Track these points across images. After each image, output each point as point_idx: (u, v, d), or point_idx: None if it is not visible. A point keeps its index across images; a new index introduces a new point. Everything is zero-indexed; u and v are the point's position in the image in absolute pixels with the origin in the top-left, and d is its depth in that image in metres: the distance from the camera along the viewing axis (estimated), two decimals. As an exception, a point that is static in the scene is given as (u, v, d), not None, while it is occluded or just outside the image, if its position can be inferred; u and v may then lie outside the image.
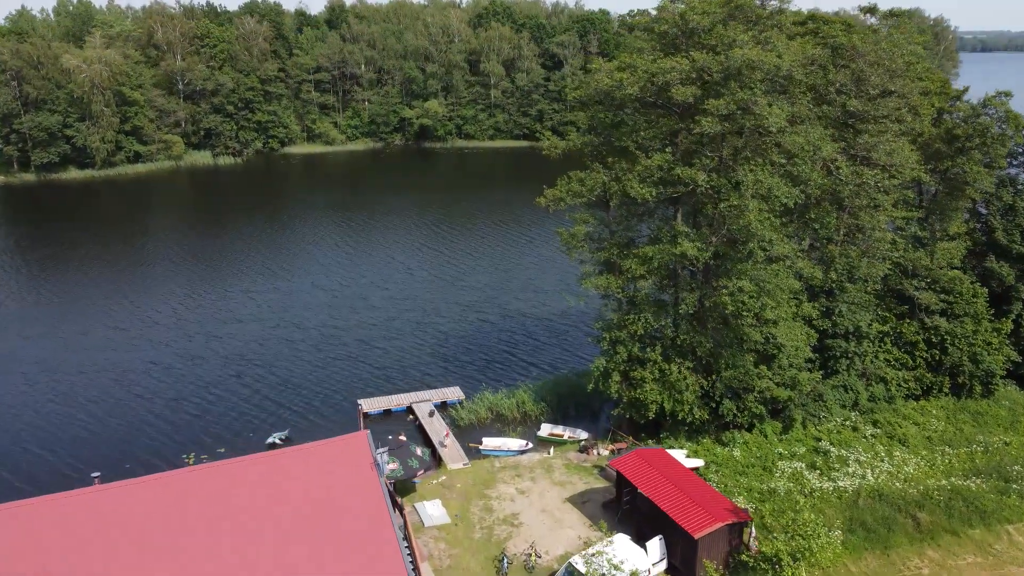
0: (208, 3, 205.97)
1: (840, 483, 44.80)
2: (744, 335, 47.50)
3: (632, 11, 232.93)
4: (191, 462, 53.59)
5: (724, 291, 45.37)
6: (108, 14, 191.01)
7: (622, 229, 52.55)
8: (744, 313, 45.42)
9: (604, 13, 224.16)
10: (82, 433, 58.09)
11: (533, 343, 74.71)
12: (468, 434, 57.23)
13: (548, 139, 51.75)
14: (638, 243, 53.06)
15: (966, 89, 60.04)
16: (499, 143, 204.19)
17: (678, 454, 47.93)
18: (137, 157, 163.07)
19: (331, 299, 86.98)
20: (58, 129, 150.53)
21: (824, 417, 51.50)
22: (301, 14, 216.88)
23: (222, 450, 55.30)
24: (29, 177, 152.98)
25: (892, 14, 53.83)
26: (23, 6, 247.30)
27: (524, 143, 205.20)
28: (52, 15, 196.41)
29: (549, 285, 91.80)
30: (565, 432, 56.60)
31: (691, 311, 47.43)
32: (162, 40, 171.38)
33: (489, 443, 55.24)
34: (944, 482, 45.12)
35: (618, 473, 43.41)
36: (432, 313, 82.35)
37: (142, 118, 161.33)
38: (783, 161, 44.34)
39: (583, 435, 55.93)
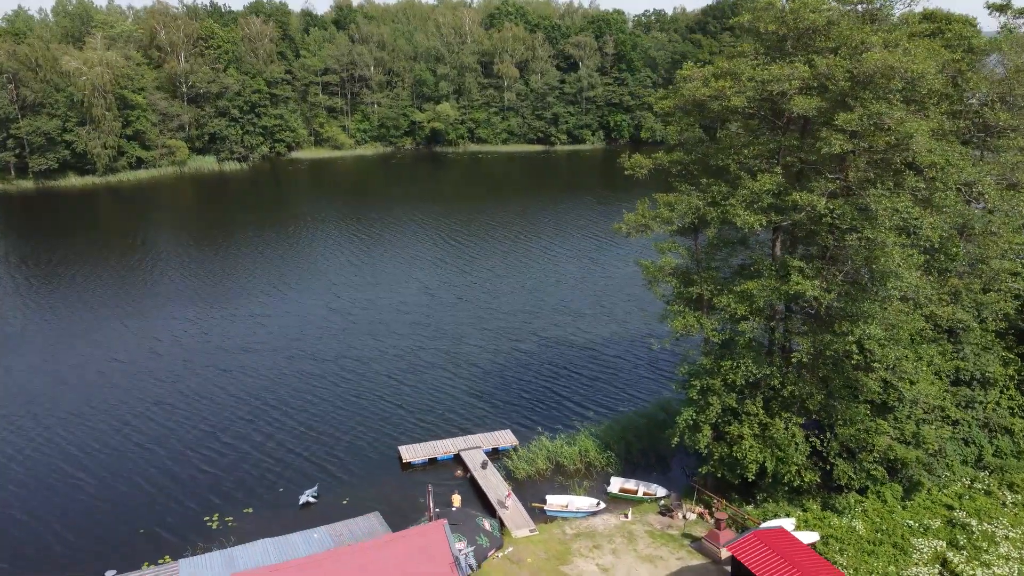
0: (212, 3, 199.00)
1: (996, 570, 37.98)
2: (860, 383, 40.67)
3: (647, 11, 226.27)
4: (215, 526, 46.66)
5: (849, 338, 38.46)
6: (108, 14, 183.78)
7: (708, 260, 45.70)
8: (875, 365, 38.64)
9: (619, 13, 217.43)
10: (80, 494, 50.26)
11: (581, 377, 67.27)
12: (528, 490, 50.15)
13: (628, 158, 44.77)
14: (724, 273, 46.35)
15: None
16: (512, 147, 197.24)
17: (786, 523, 41.07)
18: (139, 163, 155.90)
19: (348, 324, 79.48)
20: (57, 134, 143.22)
21: (947, 477, 44.60)
22: (307, 14, 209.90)
23: (248, 510, 48.30)
24: (27, 184, 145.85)
25: (1028, 11, 47.16)
26: (19, 6, 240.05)
27: (538, 147, 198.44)
28: (50, 15, 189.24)
29: (586, 307, 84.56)
30: (639, 487, 49.67)
31: (804, 359, 40.46)
32: (165, 41, 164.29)
33: (554, 502, 48.29)
34: (1122, 569, 38.34)
35: (733, 559, 36.57)
36: (461, 341, 74.90)
37: (145, 122, 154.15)
38: (921, 185, 37.50)
39: (660, 491, 48.98)
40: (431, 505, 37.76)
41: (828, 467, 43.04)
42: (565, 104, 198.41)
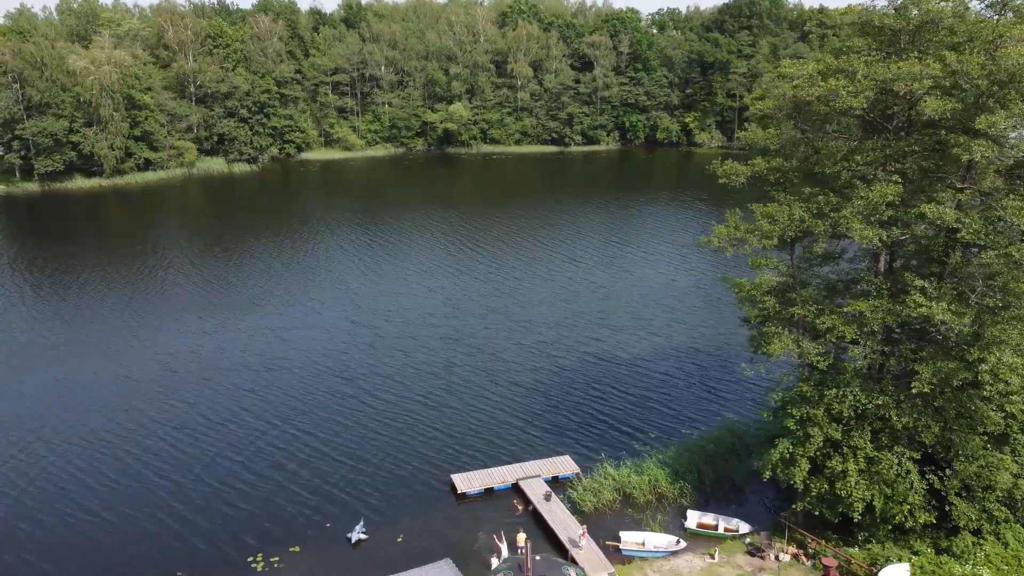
0: (219, 1, 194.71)
1: None
2: (980, 414, 36.59)
3: (661, 9, 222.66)
4: (260, 567, 42.46)
5: (983, 367, 34.40)
6: (114, 12, 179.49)
7: (805, 276, 41.63)
8: (1014, 397, 34.64)
9: (633, 11, 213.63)
10: (101, 533, 45.36)
11: (632, 397, 62.57)
12: (597, 524, 45.87)
13: (721, 164, 40.65)
14: (810, 285, 42.37)
15: None
16: (526, 148, 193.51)
17: (901, 570, 37.06)
18: (147, 164, 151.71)
19: (374, 339, 74.51)
20: (64, 135, 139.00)
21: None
22: (316, 12, 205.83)
23: (295, 549, 43.98)
24: (32, 187, 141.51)
25: None
26: (22, 3, 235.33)
27: (552, 148, 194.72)
28: (55, 13, 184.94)
29: (624, 320, 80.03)
30: (719, 522, 45.51)
31: (925, 389, 36.33)
32: (172, 40, 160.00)
33: (629, 539, 44.11)
34: None
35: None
36: (497, 358, 70.11)
37: (153, 123, 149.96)
38: (1065, 195, 33.51)
39: (743, 527, 44.84)
40: (528, 565, 33.45)
41: (944, 506, 38.99)
42: (580, 104, 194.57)
